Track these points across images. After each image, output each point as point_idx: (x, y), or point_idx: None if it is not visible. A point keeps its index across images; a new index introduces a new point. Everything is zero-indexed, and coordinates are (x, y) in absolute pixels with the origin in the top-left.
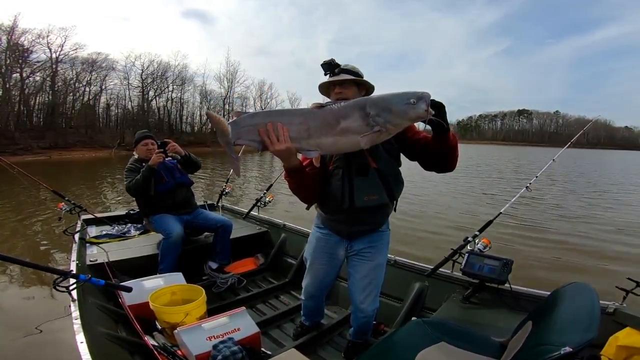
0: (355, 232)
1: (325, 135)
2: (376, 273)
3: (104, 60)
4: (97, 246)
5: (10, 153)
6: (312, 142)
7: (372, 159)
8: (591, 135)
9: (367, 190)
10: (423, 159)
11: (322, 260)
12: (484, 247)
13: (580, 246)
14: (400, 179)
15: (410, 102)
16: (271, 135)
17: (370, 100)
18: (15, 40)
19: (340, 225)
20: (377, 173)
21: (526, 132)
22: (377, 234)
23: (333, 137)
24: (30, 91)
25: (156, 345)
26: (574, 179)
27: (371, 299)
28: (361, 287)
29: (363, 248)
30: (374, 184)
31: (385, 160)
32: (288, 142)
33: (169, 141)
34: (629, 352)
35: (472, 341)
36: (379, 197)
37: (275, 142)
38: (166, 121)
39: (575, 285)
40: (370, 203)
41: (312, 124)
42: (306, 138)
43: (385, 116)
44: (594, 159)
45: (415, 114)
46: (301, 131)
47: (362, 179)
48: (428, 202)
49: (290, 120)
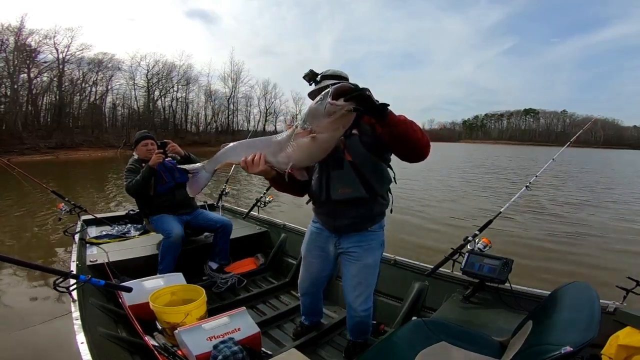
0: (340, 227)
1: (290, 152)
2: (366, 273)
3: (110, 61)
4: (97, 246)
5: (18, 153)
6: (280, 160)
7: (347, 153)
8: (599, 134)
9: (341, 183)
10: (391, 149)
11: (314, 253)
12: (484, 247)
13: (581, 245)
14: (383, 174)
15: (319, 100)
16: (249, 165)
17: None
18: (22, 40)
19: (325, 218)
20: (351, 166)
21: (533, 132)
22: (367, 233)
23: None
24: (38, 91)
25: (156, 345)
26: (575, 178)
27: (362, 299)
28: (352, 286)
29: (350, 247)
30: (348, 177)
31: (362, 154)
32: (262, 166)
33: (169, 141)
34: (630, 351)
35: (472, 341)
36: (353, 190)
37: (252, 167)
38: (171, 121)
39: (576, 284)
40: (345, 196)
41: (272, 147)
42: (274, 157)
43: (310, 120)
44: (594, 158)
45: (324, 109)
46: (272, 154)
47: (337, 171)
48: (428, 203)
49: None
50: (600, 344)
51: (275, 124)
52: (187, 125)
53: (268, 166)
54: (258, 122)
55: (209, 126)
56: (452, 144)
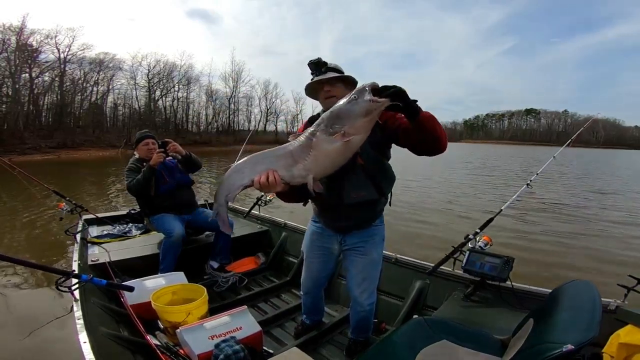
0: (346, 227)
1: (309, 162)
2: (371, 268)
3: (111, 61)
4: (98, 246)
5: (20, 152)
6: (296, 174)
7: (359, 156)
8: (600, 134)
9: (354, 187)
10: (409, 144)
11: (317, 253)
12: (485, 245)
13: (582, 244)
14: (389, 174)
15: (352, 99)
16: (265, 187)
17: (323, 117)
18: (24, 40)
19: (331, 221)
20: (363, 170)
21: (534, 132)
22: (371, 228)
23: (317, 161)
24: (39, 91)
25: (158, 344)
26: (577, 178)
27: (368, 294)
28: (357, 282)
29: (357, 242)
30: (361, 181)
31: (372, 157)
32: (280, 185)
33: (170, 141)
34: (631, 349)
35: (474, 339)
36: (367, 194)
37: (268, 188)
38: (172, 121)
39: (577, 282)
40: (358, 199)
41: (284, 160)
42: (288, 170)
43: (339, 122)
44: (591, 158)
45: (362, 108)
46: (285, 168)
47: (350, 176)
48: (428, 202)
49: (272, 165)
50: (601, 342)
51: (276, 124)
52: (188, 125)
53: (284, 184)
54: (259, 122)
55: (210, 126)
56: (453, 144)
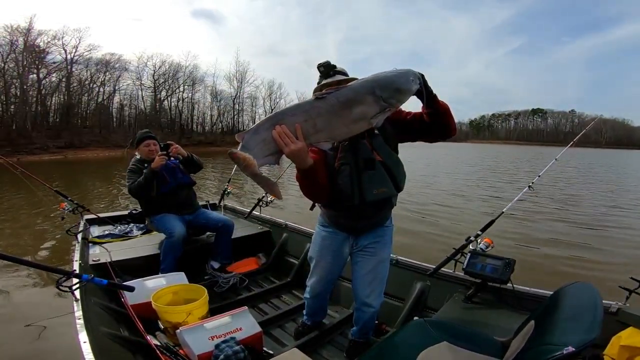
0: (362, 227)
1: (338, 126)
2: (381, 268)
3: (117, 61)
4: (99, 246)
5: (28, 152)
6: (323, 136)
7: (377, 153)
8: (609, 134)
9: (376, 184)
10: (425, 132)
11: (328, 259)
12: (486, 247)
13: (583, 245)
14: (402, 170)
15: (411, 80)
16: (284, 138)
17: (376, 82)
18: (31, 41)
19: (348, 221)
20: (382, 165)
21: (541, 132)
22: (382, 229)
23: (347, 127)
24: (47, 92)
25: (158, 344)
26: (578, 178)
27: (376, 294)
28: (366, 282)
29: (368, 244)
30: (381, 177)
31: (388, 153)
32: (302, 141)
33: (172, 143)
34: (632, 352)
35: (474, 341)
36: (388, 190)
37: (289, 143)
38: (177, 121)
39: (578, 284)
40: (380, 196)
41: (320, 119)
42: (315, 133)
43: (397, 96)
44: (593, 159)
45: (414, 89)
46: (309, 127)
47: (370, 173)
48: (428, 201)
49: (295, 119)
50: (602, 344)
51: None
52: (193, 126)
53: (307, 143)
54: None
55: (214, 126)
56: (459, 144)
